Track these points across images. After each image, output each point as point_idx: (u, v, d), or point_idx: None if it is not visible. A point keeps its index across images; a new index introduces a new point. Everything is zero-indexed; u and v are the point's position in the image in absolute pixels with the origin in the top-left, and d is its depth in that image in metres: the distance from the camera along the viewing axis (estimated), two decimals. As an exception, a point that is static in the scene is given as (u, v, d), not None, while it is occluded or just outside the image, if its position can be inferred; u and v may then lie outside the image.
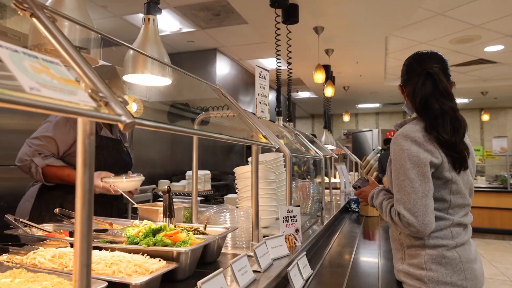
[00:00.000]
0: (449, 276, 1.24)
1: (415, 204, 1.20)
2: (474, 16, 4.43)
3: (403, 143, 1.26)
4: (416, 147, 1.24)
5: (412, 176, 1.22)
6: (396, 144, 1.28)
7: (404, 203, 1.22)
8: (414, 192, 1.21)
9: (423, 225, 1.19)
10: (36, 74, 0.48)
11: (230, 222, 1.56)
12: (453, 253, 1.27)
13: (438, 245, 1.27)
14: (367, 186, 1.56)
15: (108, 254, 0.99)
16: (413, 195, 1.21)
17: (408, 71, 1.42)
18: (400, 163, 1.25)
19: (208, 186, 5.71)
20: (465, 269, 1.26)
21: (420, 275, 1.26)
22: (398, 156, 1.26)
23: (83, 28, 0.98)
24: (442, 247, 1.27)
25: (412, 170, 1.22)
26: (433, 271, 1.25)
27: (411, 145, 1.25)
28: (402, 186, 1.24)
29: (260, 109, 2.24)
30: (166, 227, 1.14)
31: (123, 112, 0.58)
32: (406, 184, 1.22)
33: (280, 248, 1.42)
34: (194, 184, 1.73)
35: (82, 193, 0.60)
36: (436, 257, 1.26)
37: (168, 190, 1.38)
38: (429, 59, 1.37)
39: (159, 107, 5.02)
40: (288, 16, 3.61)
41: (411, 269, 1.30)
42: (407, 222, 1.21)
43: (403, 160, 1.24)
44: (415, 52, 1.43)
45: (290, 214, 1.58)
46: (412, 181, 1.22)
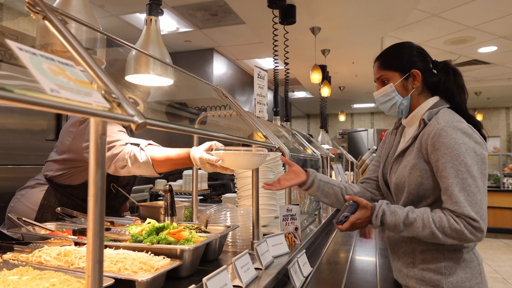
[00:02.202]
0: (467, 280, 1.15)
1: (482, 206, 1.07)
2: (468, 18, 4.48)
3: (456, 136, 1.12)
4: (472, 141, 1.12)
5: (475, 173, 1.09)
6: (447, 137, 1.12)
7: (472, 204, 1.07)
8: (479, 192, 1.08)
9: (485, 230, 1.06)
10: (54, 76, 0.50)
11: (230, 221, 1.58)
12: (471, 255, 1.18)
13: (458, 248, 1.17)
14: (359, 212, 1.20)
15: (113, 252, 1.01)
16: (479, 196, 1.08)
17: (419, 56, 1.31)
18: (460, 158, 1.09)
19: (205, 185, 5.72)
20: (481, 271, 1.19)
21: (438, 280, 1.15)
22: (455, 151, 1.10)
23: (89, 29, 1.00)
24: (463, 249, 1.17)
25: (474, 167, 1.10)
26: (452, 276, 1.15)
27: (465, 138, 1.12)
28: (465, 186, 1.08)
29: (258, 109, 2.26)
30: (169, 226, 1.15)
31: (135, 113, 0.60)
32: (470, 183, 1.08)
33: (280, 246, 1.44)
34: (194, 183, 1.75)
35: (94, 191, 0.62)
36: (456, 260, 1.16)
37: (169, 189, 1.39)
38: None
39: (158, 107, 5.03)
40: (285, 16, 3.64)
41: (426, 274, 1.18)
42: (479, 228, 1.05)
43: (462, 155, 1.10)
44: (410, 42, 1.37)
45: (290, 213, 1.61)
46: (476, 179, 1.09)
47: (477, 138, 1.14)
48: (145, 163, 1.48)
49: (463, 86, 1.30)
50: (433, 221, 1.09)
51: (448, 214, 1.09)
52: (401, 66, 1.30)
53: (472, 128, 1.16)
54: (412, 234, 1.13)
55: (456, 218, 1.07)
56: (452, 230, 1.07)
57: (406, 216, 1.14)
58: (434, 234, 1.09)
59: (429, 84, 1.31)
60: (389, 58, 1.35)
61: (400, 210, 1.16)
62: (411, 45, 1.35)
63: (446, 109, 1.25)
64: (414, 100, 1.31)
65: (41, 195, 1.65)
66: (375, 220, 1.17)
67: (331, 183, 1.45)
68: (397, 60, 1.32)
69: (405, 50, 1.33)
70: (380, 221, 1.17)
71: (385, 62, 1.34)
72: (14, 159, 2.79)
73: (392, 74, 1.31)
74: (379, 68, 1.35)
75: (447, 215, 1.09)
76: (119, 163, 1.49)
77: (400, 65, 1.31)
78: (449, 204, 1.09)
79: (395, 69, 1.31)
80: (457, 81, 1.29)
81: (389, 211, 1.16)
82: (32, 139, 2.89)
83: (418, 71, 1.28)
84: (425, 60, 1.32)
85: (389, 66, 1.32)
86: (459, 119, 1.19)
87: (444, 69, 1.31)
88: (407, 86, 1.30)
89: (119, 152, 1.49)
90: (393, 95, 1.31)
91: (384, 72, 1.33)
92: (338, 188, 1.44)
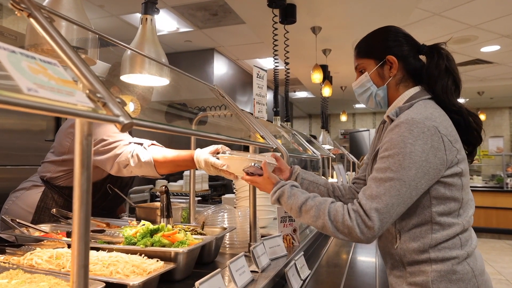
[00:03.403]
0: None
1: (389, 212, 0.98)
2: (471, 17, 4.45)
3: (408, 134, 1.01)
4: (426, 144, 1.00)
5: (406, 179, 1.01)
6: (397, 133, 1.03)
7: (379, 203, 0.99)
8: (397, 197, 0.99)
9: (376, 235, 0.97)
10: (34, 75, 0.48)
11: (228, 222, 1.56)
12: (464, 266, 1.03)
13: (447, 258, 1.03)
14: (259, 177, 1.18)
15: (106, 255, 0.99)
16: (394, 200, 0.99)
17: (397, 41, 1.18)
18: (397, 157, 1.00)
19: (206, 186, 5.71)
20: (480, 284, 1.04)
21: None
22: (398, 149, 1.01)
23: (81, 28, 0.98)
24: (452, 260, 1.03)
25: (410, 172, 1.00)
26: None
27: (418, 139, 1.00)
28: (386, 185, 1.00)
29: (258, 109, 2.24)
30: (164, 228, 1.14)
31: (121, 113, 0.58)
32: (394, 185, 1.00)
33: (277, 248, 1.42)
34: (191, 184, 1.73)
35: (79, 194, 0.60)
36: (445, 273, 1.02)
37: (165, 190, 1.37)
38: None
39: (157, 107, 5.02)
40: (286, 16, 3.61)
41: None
42: (371, 228, 0.96)
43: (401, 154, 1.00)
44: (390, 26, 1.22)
45: (288, 215, 1.59)
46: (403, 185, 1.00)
47: (437, 141, 0.99)
48: (147, 163, 1.45)
49: (448, 69, 1.12)
50: (328, 213, 1.01)
51: (346, 208, 1.00)
52: (376, 53, 1.18)
53: (438, 129, 1.00)
54: (308, 222, 1.06)
55: (352, 213, 0.98)
56: (344, 226, 0.98)
57: (305, 202, 1.06)
58: (326, 227, 1.01)
59: (411, 71, 1.17)
60: (364, 45, 1.22)
61: (303, 195, 1.08)
62: (388, 29, 1.21)
63: (424, 101, 1.09)
64: (392, 90, 1.18)
65: (38, 197, 1.63)
66: (271, 196, 1.14)
67: (317, 183, 1.35)
68: (373, 46, 1.20)
69: (381, 35, 1.20)
70: (278, 201, 1.13)
71: (361, 49, 1.23)
72: (13, 160, 2.78)
73: (368, 62, 1.20)
74: (356, 57, 1.24)
75: (345, 209, 1.00)
76: (122, 163, 1.47)
77: (374, 52, 1.18)
78: (361, 193, 1.01)
79: (369, 56, 1.19)
80: (439, 65, 1.12)
81: (290, 193, 1.10)
82: (31, 139, 2.88)
83: (393, 57, 1.15)
84: (406, 44, 1.17)
85: (365, 54, 1.21)
86: (430, 114, 1.03)
87: (429, 52, 1.16)
88: (383, 75, 1.17)
89: (122, 152, 1.48)
90: (369, 85, 1.20)
91: (360, 60, 1.22)
92: (324, 189, 1.34)
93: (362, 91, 1.23)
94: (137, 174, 1.51)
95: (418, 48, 1.19)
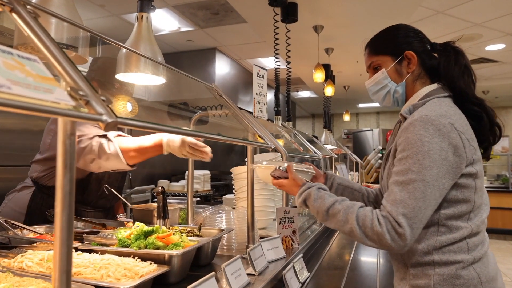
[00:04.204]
0: None
1: (418, 216, 0.95)
2: (475, 15, 4.39)
3: (424, 132, 0.98)
4: (444, 141, 0.98)
5: (428, 178, 0.98)
6: (413, 132, 1.01)
7: (406, 208, 0.96)
8: (423, 200, 0.96)
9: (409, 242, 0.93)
10: (8, 71, 0.46)
11: (225, 224, 1.53)
12: (470, 272, 0.99)
13: (451, 262, 0.99)
14: (285, 180, 1.21)
15: (98, 257, 0.97)
16: (421, 203, 0.96)
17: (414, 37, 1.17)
18: (416, 157, 0.99)
19: (208, 186, 5.69)
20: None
21: None
22: (416, 149, 0.98)
23: (72, 26, 0.96)
24: (457, 264, 0.99)
25: (431, 171, 0.98)
26: None
27: (435, 136, 0.98)
28: (410, 188, 0.97)
29: (258, 108, 2.22)
30: (159, 229, 1.11)
31: (104, 111, 0.55)
32: (417, 186, 0.98)
33: (276, 250, 1.39)
34: (190, 185, 1.71)
35: (62, 196, 0.58)
36: (448, 277, 0.98)
37: (162, 191, 1.35)
38: None
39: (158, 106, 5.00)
40: (287, 14, 3.58)
41: None
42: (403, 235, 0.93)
43: (420, 154, 0.98)
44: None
45: (287, 215, 1.56)
46: (427, 185, 0.98)
47: (455, 138, 0.96)
48: (114, 155, 1.40)
49: (466, 66, 1.12)
50: (357, 217, 0.98)
51: (376, 213, 0.97)
52: (394, 49, 1.16)
53: (454, 126, 0.97)
54: (335, 227, 1.03)
55: (382, 219, 0.94)
56: (373, 232, 0.94)
57: (332, 205, 1.04)
58: (354, 232, 0.97)
59: (428, 68, 1.15)
60: (380, 42, 1.21)
61: (330, 198, 1.06)
62: (403, 26, 1.20)
63: (439, 99, 1.07)
64: (409, 87, 1.16)
65: (28, 198, 1.61)
66: (296, 198, 1.13)
67: (352, 188, 1.34)
68: (389, 43, 1.18)
69: (396, 31, 1.19)
70: (304, 203, 1.11)
71: (376, 46, 1.21)
72: (13, 160, 2.77)
73: (384, 59, 1.18)
74: (370, 55, 1.22)
75: (374, 214, 0.96)
76: (88, 157, 1.41)
77: (392, 48, 1.17)
78: (384, 200, 0.98)
79: (386, 53, 1.17)
80: (458, 61, 1.12)
81: (316, 196, 1.08)
82: (31, 139, 2.87)
83: (412, 52, 1.14)
84: (421, 40, 1.17)
85: (381, 51, 1.19)
86: (445, 112, 1.00)
87: (444, 50, 1.15)
88: (401, 71, 1.16)
89: (86, 146, 1.41)
90: (386, 82, 1.17)
91: (375, 57, 1.20)
92: (359, 194, 1.33)
93: (377, 88, 1.21)
94: (107, 168, 1.45)
95: (431, 46, 1.18)
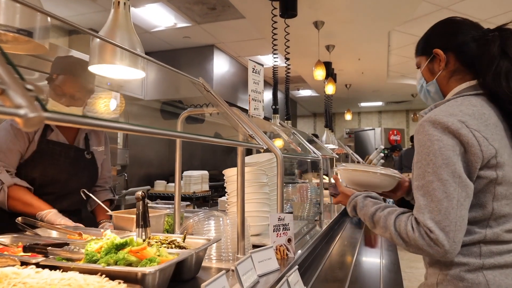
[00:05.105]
0: None
1: (447, 216, 0.93)
2: (480, 10, 4.24)
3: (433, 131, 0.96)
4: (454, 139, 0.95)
5: (445, 176, 0.96)
6: (423, 133, 0.99)
7: (432, 212, 0.94)
8: (447, 199, 0.93)
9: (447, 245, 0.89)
10: None
11: (215, 231, 1.40)
12: (477, 276, 0.94)
13: (456, 263, 0.96)
14: (340, 196, 1.26)
15: (58, 276, 0.84)
16: (445, 203, 0.93)
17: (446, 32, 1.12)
18: (429, 158, 0.97)
19: (206, 186, 5.55)
20: None
21: None
22: (427, 149, 0.97)
23: (32, 11, 0.83)
24: (462, 266, 0.96)
25: (446, 168, 0.95)
26: None
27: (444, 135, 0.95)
28: (429, 190, 0.96)
29: (253, 106, 2.08)
30: (133, 241, 0.98)
31: (25, 103, 0.42)
32: (436, 187, 0.95)
33: (268, 262, 1.26)
34: (177, 188, 1.57)
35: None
36: (452, 277, 0.96)
37: (142, 196, 1.22)
38: None
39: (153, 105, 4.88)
40: (286, 9, 3.44)
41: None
42: (435, 240, 0.90)
43: (432, 154, 0.96)
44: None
45: (282, 222, 1.42)
46: (446, 183, 0.95)
47: (467, 136, 0.92)
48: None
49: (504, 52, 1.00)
50: (394, 224, 0.97)
51: (410, 219, 0.95)
52: (425, 48, 1.16)
53: (465, 123, 0.92)
54: (380, 235, 1.03)
55: (415, 225, 0.93)
56: (409, 239, 0.93)
57: (374, 212, 1.05)
58: (394, 240, 0.97)
59: (467, 62, 1.07)
60: (419, 42, 1.21)
61: (374, 206, 1.06)
62: (443, 21, 1.15)
63: (463, 98, 1.01)
64: (444, 85, 1.13)
65: None
66: (347, 208, 1.16)
67: None
68: (422, 42, 1.19)
69: (431, 29, 1.17)
70: (355, 212, 1.14)
71: (416, 47, 1.22)
72: None
73: (421, 59, 1.18)
74: (415, 56, 1.23)
75: (409, 220, 0.95)
76: None
77: (423, 47, 1.17)
78: (413, 208, 0.97)
79: (421, 53, 1.18)
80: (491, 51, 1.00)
81: (362, 204, 1.10)
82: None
83: (439, 50, 1.10)
84: (460, 33, 1.08)
85: (418, 51, 1.21)
86: (459, 112, 0.95)
87: (491, 38, 1.03)
88: (433, 70, 1.14)
89: None
90: (421, 82, 1.18)
91: (416, 58, 1.21)
92: None
93: (418, 88, 1.23)
94: None
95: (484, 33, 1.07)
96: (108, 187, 1.87)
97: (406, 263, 5.48)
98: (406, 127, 11.27)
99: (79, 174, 1.71)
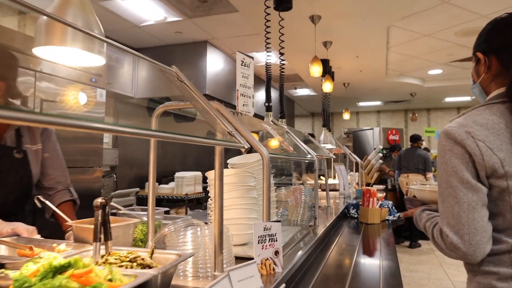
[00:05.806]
0: None
1: (460, 220, 1.01)
2: (483, 5, 4.09)
3: (445, 142, 1.06)
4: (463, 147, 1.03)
5: (454, 183, 1.06)
6: (439, 144, 1.09)
7: (447, 218, 1.04)
8: (457, 204, 1.01)
9: (463, 247, 0.96)
10: None
11: (192, 244, 1.22)
12: (508, 285, 0.98)
13: (488, 272, 1.01)
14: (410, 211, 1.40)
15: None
16: (456, 208, 1.01)
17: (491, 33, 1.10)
18: (442, 167, 1.07)
19: (199, 188, 5.36)
20: None
21: None
22: (441, 159, 1.06)
23: None
24: (493, 275, 1.00)
25: (455, 176, 1.05)
26: None
27: (454, 144, 1.04)
28: (444, 197, 1.06)
29: (242, 102, 1.90)
30: (79, 262, 0.79)
31: None
32: (448, 193, 1.05)
33: (250, 281, 1.07)
34: (150, 193, 1.39)
35: None
36: (484, 286, 1.01)
37: (102, 204, 1.03)
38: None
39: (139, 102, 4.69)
40: (281, 1, 3.26)
41: None
42: (450, 244, 0.99)
43: (444, 163, 1.06)
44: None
45: (268, 232, 1.24)
46: (456, 189, 1.04)
47: (471, 146, 0.98)
48: None
49: None
50: (432, 232, 1.08)
51: (437, 226, 1.06)
52: (473, 50, 1.17)
53: (471, 134, 0.98)
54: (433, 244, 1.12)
55: (439, 231, 1.04)
56: (438, 245, 1.05)
57: (425, 222, 1.15)
58: (435, 245, 1.07)
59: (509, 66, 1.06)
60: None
61: (426, 217, 1.16)
62: (492, 21, 1.12)
63: (485, 107, 1.04)
64: (486, 88, 1.14)
65: None
66: (415, 223, 1.24)
67: None
68: (474, 44, 1.19)
69: (483, 30, 1.14)
70: (416, 224, 1.23)
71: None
72: None
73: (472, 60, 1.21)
74: None
75: (435, 228, 1.07)
76: None
77: (473, 49, 1.17)
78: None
79: (472, 54, 1.19)
80: None
81: (419, 217, 1.21)
82: None
83: (480, 53, 1.11)
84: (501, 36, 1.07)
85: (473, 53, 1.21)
86: (472, 122, 1.00)
87: None
88: (478, 72, 1.15)
89: None
90: (471, 83, 1.22)
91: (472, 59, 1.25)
92: None
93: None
94: None
95: None
96: (64, 187, 1.66)
97: (405, 266, 5.32)
98: (405, 126, 11.11)
99: (3, 174, 1.51)
